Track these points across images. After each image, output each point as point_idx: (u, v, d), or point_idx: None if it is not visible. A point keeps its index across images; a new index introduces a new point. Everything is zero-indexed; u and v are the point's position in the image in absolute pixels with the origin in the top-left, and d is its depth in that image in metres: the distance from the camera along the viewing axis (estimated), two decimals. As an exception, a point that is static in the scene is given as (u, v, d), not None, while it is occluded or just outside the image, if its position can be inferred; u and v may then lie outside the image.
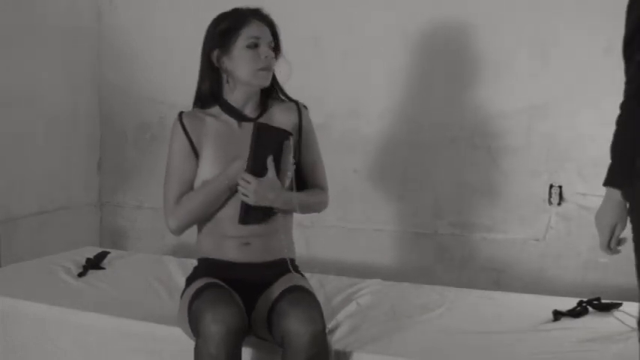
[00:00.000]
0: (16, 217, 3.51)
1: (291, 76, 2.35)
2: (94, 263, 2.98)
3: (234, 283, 2.19)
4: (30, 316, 2.51)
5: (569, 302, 2.53)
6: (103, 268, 2.98)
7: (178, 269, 2.93)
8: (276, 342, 2.06)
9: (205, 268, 2.27)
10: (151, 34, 3.85)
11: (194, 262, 2.36)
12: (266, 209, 2.21)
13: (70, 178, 3.84)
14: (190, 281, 2.24)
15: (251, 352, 2.18)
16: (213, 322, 1.96)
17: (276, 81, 2.34)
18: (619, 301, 2.51)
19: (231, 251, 2.24)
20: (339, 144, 3.44)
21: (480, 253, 3.27)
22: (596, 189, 3.05)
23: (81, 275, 2.87)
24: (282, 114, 2.32)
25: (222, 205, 2.24)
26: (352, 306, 2.51)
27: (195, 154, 2.27)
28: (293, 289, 2.10)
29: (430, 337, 2.25)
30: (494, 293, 2.77)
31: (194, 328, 2.04)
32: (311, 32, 3.46)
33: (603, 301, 2.51)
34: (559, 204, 3.13)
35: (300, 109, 2.34)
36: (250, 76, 2.23)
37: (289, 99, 2.37)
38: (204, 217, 2.27)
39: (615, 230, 1.84)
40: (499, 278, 3.24)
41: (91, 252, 3.12)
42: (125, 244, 3.97)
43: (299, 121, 2.33)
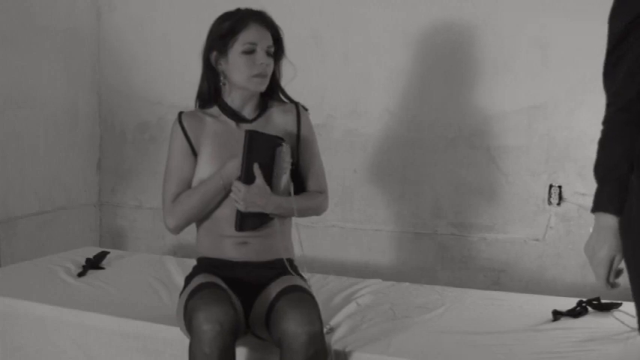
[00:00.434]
0: (15, 217, 3.51)
1: (294, 78, 2.34)
2: (94, 263, 2.98)
3: (232, 282, 2.20)
4: (29, 316, 2.51)
5: (569, 302, 2.53)
6: (103, 268, 2.98)
7: (178, 269, 2.93)
8: (274, 342, 2.06)
9: (204, 267, 2.28)
10: (150, 34, 3.85)
11: (193, 262, 2.36)
12: (261, 215, 2.20)
13: (69, 178, 3.84)
14: (189, 280, 2.24)
15: (249, 352, 2.18)
16: (206, 321, 1.96)
17: (277, 82, 2.33)
18: (618, 301, 2.51)
19: (228, 250, 2.25)
20: (339, 144, 3.44)
21: (480, 253, 3.27)
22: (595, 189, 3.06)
23: (80, 275, 2.87)
24: (281, 116, 2.32)
25: (220, 204, 2.24)
26: (352, 306, 2.51)
27: (194, 153, 2.27)
28: (291, 290, 2.10)
29: (430, 337, 2.25)
30: (493, 293, 2.76)
31: (188, 327, 2.04)
32: (311, 32, 3.46)
33: (603, 301, 2.51)
34: (559, 204, 3.12)
35: (299, 111, 2.33)
36: (245, 81, 2.23)
37: (290, 100, 2.36)
38: (200, 216, 2.27)
39: (614, 263, 1.62)
40: (499, 278, 3.24)
41: (91, 252, 3.12)
42: (124, 244, 3.97)
43: (297, 123, 2.32)
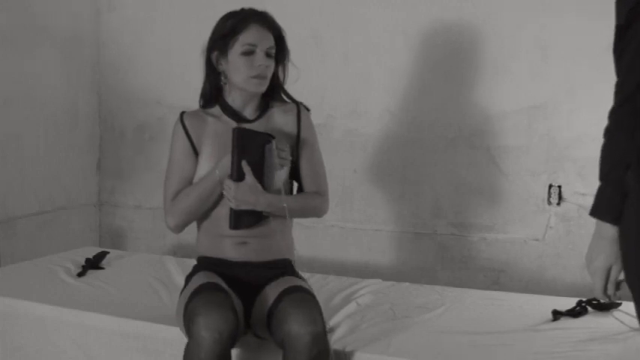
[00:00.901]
0: (15, 218, 3.51)
1: (298, 79, 2.34)
2: (94, 263, 2.98)
3: (232, 281, 2.19)
4: (29, 316, 2.50)
5: (569, 302, 2.53)
6: (103, 268, 2.97)
7: (178, 269, 2.93)
8: (276, 343, 2.05)
9: (204, 266, 2.27)
10: (149, 35, 3.85)
11: (193, 262, 2.36)
12: (256, 213, 2.19)
13: (69, 178, 3.84)
14: (189, 278, 2.24)
15: (249, 352, 2.18)
16: (206, 328, 1.95)
17: (279, 83, 2.33)
18: (618, 301, 2.51)
19: (228, 250, 2.24)
20: (339, 144, 3.44)
21: (480, 253, 3.27)
22: (595, 189, 3.06)
23: (80, 275, 2.86)
24: (282, 116, 2.32)
25: (219, 203, 2.24)
26: (352, 306, 2.51)
27: (195, 153, 2.27)
28: (293, 290, 2.09)
29: (430, 337, 2.25)
30: (493, 293, 2.76)
31: (187, 329, 2.03)
32: (311, 32, 3.46)
33: (602, 301, 2.51)
34: (558, 204, 3.12)
35: (299, 112, 2.32)
36: (243, 82, 2.23)
37: (293, 101, 2.35)
38: (199, 213, 2.27)
39: (611, 274, 1.51)
40: (499, 278, 3.24)
41: (91, 252, 3.12)
42: (124, 244, 3.97)
43: (297, 123, 2.31)
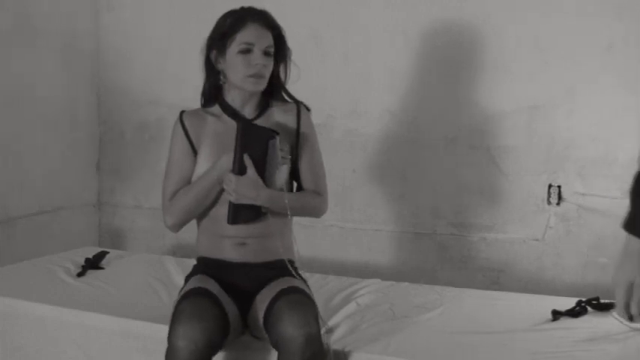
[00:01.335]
0: (15, 217, 3.51)
1: (298, 79, 2.34)
2: (93, 263, 2.98)
3: (231, 282, 2.19)
4: (29, 316, 2.50)
5: (568, 302, 2.52)
6: (102, 268, 2.97)
7: (177, 269, 2.93)
8: (272, 344, 2.04)
9: (203, 267, 2.27)
10: (149, 35, 3.85)
11: (193, 262, 2.36)
12: (255, 209, 2.18)
13: (68, 178, 3.84)
14: (188, 279, 2.24)
15: (248, 352, 2.18)
16: (182, 337, 1.94)
17: (279, 82, 2.32)
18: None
19: (227, 251, 2.24)
20: (338, 144, 3.44)
21: (479, 253, 3.27)
22: (595, 189, 3.07)
23: (80, 275, 2.86)
24: (281, 115, 2.31)
25: (218, 203, 2.23)
26: (352, 306, 2.51)
27: (195, 152, 2.27)
28: (288, 291, 2.08)
29: (429, 337, 2.24)
30: (493, 293, 2.76)
31: (167, 336, 2.00)
32: (311, 32, 3.46)
33: (602, 300, 2.51)
34: (558, 204, 3.13)
35: (299, 111, 2.32)
36: (240, 81, 2.22)
37: (294, 100, 2.35)
38: (198, 212, 2.26)
39: (634, 290, 1.42)
40: (498, 278, 3.24)
41: (90, 252, 3.12)
42: (124, 244, 3.97)
43: (297, 123, 2.31)
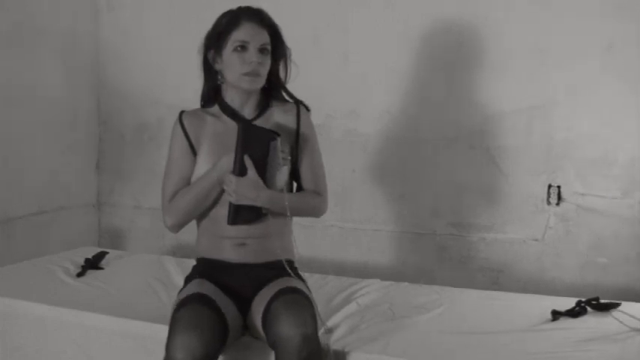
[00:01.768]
0: (14, 217, 3.51)
1: (297, 77, 2.34)
2: (93, 263, 2.98)
3: (230, 283, 2.19)
4: (29, 316, 2.50)
5: (568, 302, 2.52)
6: (102, 268, 2.97)
7: (177, 269, 2.93)
8: (269, 344, 2.04)
9: (202, 267, 2.27)
10: (148, 35, 3.85)
11: (193, 262, 2.36)
12: (255, 209, 2.18)
13: (68, 178, 3.84)
14: (187, 281, 2.24)
15: (247, 352, 2.18)
16: (180, 348, 1.92)
17: (279, 81, 2.32)
18: (617, 301, 2.51)
19: (227, 251, 2.24)
20: (338, 144, 3.44)
21: (479, 253, 3.27)
22: (594, 189, 3.07)
23: (79, 275, 2.86)
24: (281, 115, 2.31)
25: (219, 204, 2.23)
26: (351, 306, 2.51)
27: (194, 152, 2.27)
28: (285, 292, 2.07)
29: (429, 337, 2.24)
30: (492, 293, 2.76)
31: (165, 345, 1.98)
32: (311, 32, 3.46)
33: (602, 301, 2.51)
34: (558, 204, 3.13)
35: (299, 111, 2.31)
36: (236, 80, 2.22)
37: (294, 100, 2.34)
38: (197, 212, 2.26)
39: None
40: (498, 278, 3.24)
41: (90, 252, 3.11)
42: (123, 244, 3.97)
43: (297, 123, 2.31)
